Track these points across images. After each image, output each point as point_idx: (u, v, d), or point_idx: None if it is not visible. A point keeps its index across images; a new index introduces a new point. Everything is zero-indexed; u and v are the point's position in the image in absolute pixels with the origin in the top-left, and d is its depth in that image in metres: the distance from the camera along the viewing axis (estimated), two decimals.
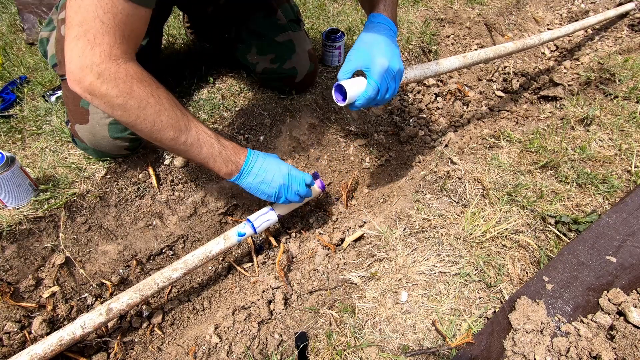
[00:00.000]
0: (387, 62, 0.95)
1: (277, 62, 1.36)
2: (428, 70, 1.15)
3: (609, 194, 1.10)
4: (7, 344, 0.95)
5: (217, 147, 0.96)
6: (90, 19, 0.76)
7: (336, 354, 0.85)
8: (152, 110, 0.86)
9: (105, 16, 0.76)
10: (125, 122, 0.86)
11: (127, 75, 0.82)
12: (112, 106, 0.83)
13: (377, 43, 0.97)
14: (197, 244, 1.28)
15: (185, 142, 0.92)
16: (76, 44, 0.77)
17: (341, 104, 0.98)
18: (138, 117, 0.85)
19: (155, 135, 0.89)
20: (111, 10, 0.76)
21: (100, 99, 0.82)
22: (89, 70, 0.78)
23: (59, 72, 1.11)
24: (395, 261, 1.02)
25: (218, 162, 0.97)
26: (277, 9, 1.37)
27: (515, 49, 1.50)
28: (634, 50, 1.96)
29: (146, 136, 0.90)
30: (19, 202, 1.03)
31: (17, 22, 2.03)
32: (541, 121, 1.62)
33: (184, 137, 0.91)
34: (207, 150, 0.95)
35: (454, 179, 1.22)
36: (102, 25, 0.77)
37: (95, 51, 0.78)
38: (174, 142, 0.91)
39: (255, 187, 1.04)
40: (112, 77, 0.80)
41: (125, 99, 0.82)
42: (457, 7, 2.29)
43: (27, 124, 1.30)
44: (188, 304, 1.19)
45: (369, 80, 0.95)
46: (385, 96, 0.99)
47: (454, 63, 1.23)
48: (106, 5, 0.75)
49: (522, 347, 0.78)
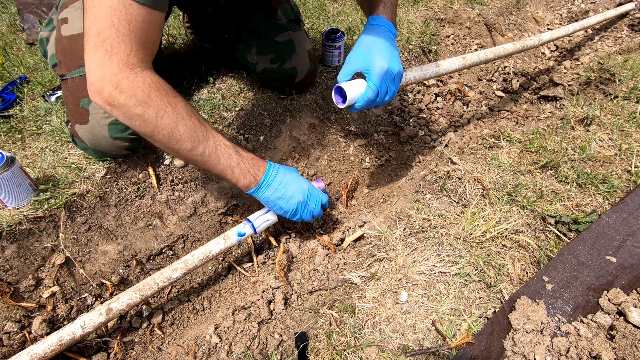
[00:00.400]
0: (387, 65, 0.95)
1: (277, 62, 1.36)
2: (427, 72, 1.15)
3: (609, 194, 1.10)
4: (7, 344, 0.95)
5: (235, 159, 0.95)
6: (106, 28, 0.75)
7: (336, 354, 0.85)
8: (170, 120, 0.84)
9: (120, 24, 0.75)
10: (144, 132, 0.85)
11: (145, 84, 0.81)
12: (131, 117, 0.82)
13: (376, 45, 0.97)
14: (197, 244, 1.28)
15: (203, 153, 0.90)
16: (94, 54, 0.77)
17: (341, 105, 0.98)
18: (156, 128, 0.84)
19: (172, 145, 0.87)
20: (125, 17, 0.76)
21: (119, 110, 0.81)
22: (107, 80, 0.78)
23: (58, 72, 1.11)
24: (395, 261, 1.02)
25: (236, 174, 0.95)
26: (277, 9, 1.37)
27: (515, 50, 1.50)
28: (634, 50, 1.96)
29: (164, 147, 0.88)
30: (19, 202, 1.03)
31: (17, 22, 2.03)
32: (541, 121, 1.62)
33: (202, 147, 0.89)
34: (225, 161, 0.93)
35: (454, 179, 1.22)
36: (118, 34, 0.76)
37: (113, 60, 0.77)
38: (191, 153, 0.89)
39: (272, 202, 1.02)
40: (130, 86, 0.79)
41: (144, 108, 0.81)
42: (457, 7, 2.29)
43: (27, 124, 1.30)
44: (188, 304, 1.19)
45: (369, 82, 0.95)
46: (385, 98, 0.99)
47: (454, 64, 1.23)
48: (120, 13, 0.75)
49: (522, 347, 0.78)
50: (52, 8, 1.63)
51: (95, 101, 0.82)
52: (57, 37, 1.10)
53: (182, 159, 0.96)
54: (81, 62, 1.06)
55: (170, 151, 0.90)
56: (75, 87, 1.07)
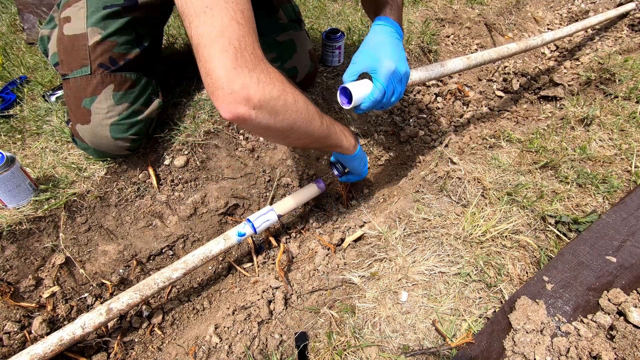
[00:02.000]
0: (394, 65, 0.93)
1: (278, 62, 1.36)
2: (433, 72, 1.14)
3: (609, 194, 1.10)
4: (7, 344, 0.95)
5: (337, 122, 0.99)
6: (228, 24, 0.68)
7: (336, 354, 0.85)
8: (301, 101, 0.80)
9: (237, 15, 0.69)
10: (287, 125, 0.77)
11: (273, 72, 0.74)
12: (276, 112, 0.74)
13: (383, 45, 0.96)
14: (197, 244, 1.28)
15: (325, 123, 0.88)
16: (226, 56, 0.68)
17: (347, 107, 0.96)
18: (297, 113, 0.78)
19: (309, 127, 0.82)
20: (238, 7, 0.69)
21: (265, 111, 0.73)
22: (249, 82, 0.69)
23: (60, 71, 1.11)
24: (395, 261, 1.02)
25: (347, 136, 0.99)
26: (278, 8, 1.37)
27: (519, 50, 1.49)
28: (634, 50, 1.96)
29: (303, 134, 0.83)
30: (19, 202, 1.03)
31: (17, 22, 2.03)
32: (541, 121, 1.62)
33: (322, 118, 0.87)
34: (337, 127, 0.95)
35: (454, 179, 1.22)
36: (240, 27, 0.69)
37: (245, 57, 0.69)
38: (321, 127, 0.86)
39: (364, 163, 1.14)
40: (269, 79, 0.72)
41: (284, 97, 0.75)
42: (457, 7, 2.29)
43: (27, 124, 1.30)
44: (188, 304, 1.19)
45: (376, 82, 0.94)
46: (392, 99, 0.98)
47: (458, 65, 1.23)
48: (233, 3, 0.68)
49: (522, 347, 0.78)
50: (52, 8, 1.63)
51: (237, 113, 0.70)
52: (59, 36, 1.10)
53: (311, 140, 0.89)
54: (84, 62, 1.06)
55: (304, 136, 0.83)
56: (77, 87, 1.07)
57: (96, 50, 1.06)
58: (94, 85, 1.06)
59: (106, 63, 1.07)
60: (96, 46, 1.06)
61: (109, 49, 1.07)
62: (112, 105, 1.07)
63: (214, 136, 1.31)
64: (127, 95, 1.10)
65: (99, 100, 1.06)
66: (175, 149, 1.25)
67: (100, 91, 1.06)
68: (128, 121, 1.09)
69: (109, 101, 1.07)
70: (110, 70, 1.08)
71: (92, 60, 1.06)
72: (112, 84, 1.08)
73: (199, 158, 1.27)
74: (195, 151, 1.27)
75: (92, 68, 1.06)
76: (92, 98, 1.06)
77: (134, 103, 1.11)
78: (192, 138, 1.26)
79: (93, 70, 1.06)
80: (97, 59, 1.06)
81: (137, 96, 1.12)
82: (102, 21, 1.07)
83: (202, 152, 1.28)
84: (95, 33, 1.06)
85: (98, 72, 1.06)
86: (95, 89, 1.06)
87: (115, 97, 1.08)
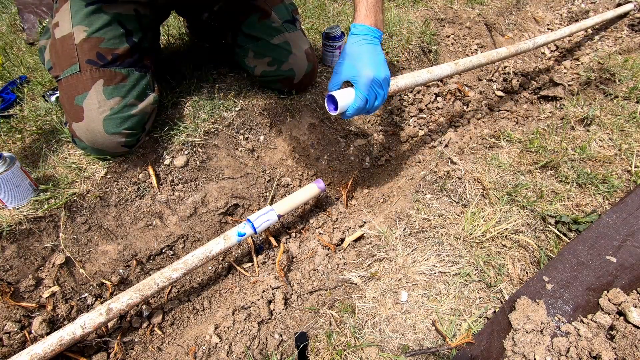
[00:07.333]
0: (372, 73, 0.96)
1: (275, 65, 1.36)
2: (419, 78, 1.16)
3: (609, 194, 1.10)
4: (7, 344, 0.95)
5: None
6: None
7: (336, 354, 0.85)
8: None
9: None
10: None
11: None
12: None
13: (360, 55, 0.99)
14: (197, 244, 1.28)
15: None
16: None
17: (333, 113, 1.00)
18: None
19: None
20: None
21: None
22: None
23: (53, 74, 1.13)
24: (395, 261, 1.02)
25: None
26: (270, 11, 1.37)
27: (509, 54, 1.50)
28: (634, 50, 1.96)
29: None
30: (19, 202, 1.03)
31: (17, 22, 2.03)
32: (541, 121, 1.62)
33: None
34: None
35: (454, 179, 1.22)
36: None
37: None
38: None
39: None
40: None
41: None
42: (457, 7, 2.29)
43: (27, 124, 1.30)
44: (188, 304, 1.19)
45: (357, 92, 0.98)
46: (375, 104, 1.01)
47: (446, 70, 1.24)
48: None
49: (522, 347, 0.78)
50: (52, 8, 1.64)
51: None
52: (52, 42, 1.12)
53: None
54: (72, 60, 1.07)
55: None
56: (68, 86, 1.08)
57: (83, 47, 1.07)
58: (84, 82, 1.07)
59: (94, 59, 1.08)
60: (83, 43, 1.07)
61: (95, 45, 1.08)
62: (103, 100, 1.08)
63: (214, 136, 1.31)
64: (117, 90, 1.10)
65: (89, 96, 1.07)
66: (175, 148, 1.25)
67: (90, 87, 1.07)
68: (121, 115, 1.09)
69: (100, 96, 1.08)
70: (99, 65, 1.08)
71: (80, 57, 1.07)
72: (102, 79, 1.08)
73: (199, 158, 1.27)
74: (195, 151, 1.27)
75: (80, 65, 1.07)
76: (83, 95, 1.07)
77: (126, 97, 1.11)
78: (192, 138, 1.26)
79: (81, 67, 1.07)
80: (85, 56, 1.07)
81: (129, 90, 1.13)
82: (87, 18, 1.08)
83: (202, 152, 1.28)
84: (80, 31, 1.07)
85: (86, 68, 1.07)
86: (85, 86, 1.07)
87: (105, 92, 1.08)
